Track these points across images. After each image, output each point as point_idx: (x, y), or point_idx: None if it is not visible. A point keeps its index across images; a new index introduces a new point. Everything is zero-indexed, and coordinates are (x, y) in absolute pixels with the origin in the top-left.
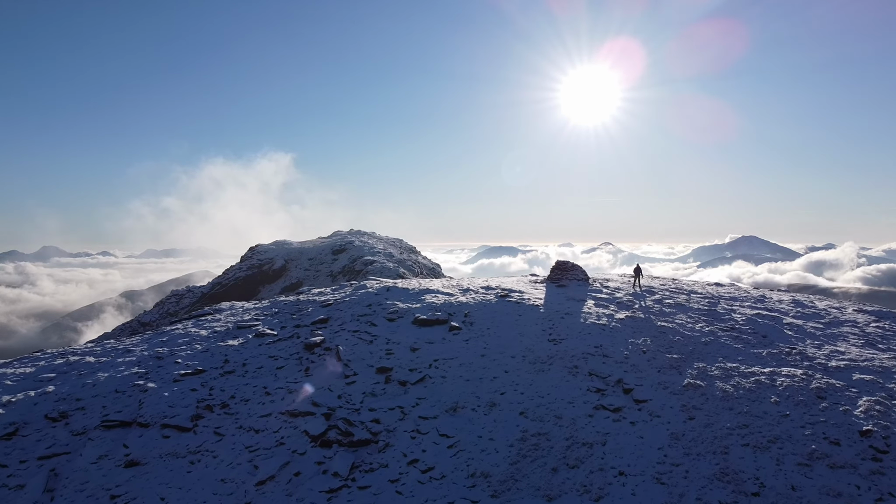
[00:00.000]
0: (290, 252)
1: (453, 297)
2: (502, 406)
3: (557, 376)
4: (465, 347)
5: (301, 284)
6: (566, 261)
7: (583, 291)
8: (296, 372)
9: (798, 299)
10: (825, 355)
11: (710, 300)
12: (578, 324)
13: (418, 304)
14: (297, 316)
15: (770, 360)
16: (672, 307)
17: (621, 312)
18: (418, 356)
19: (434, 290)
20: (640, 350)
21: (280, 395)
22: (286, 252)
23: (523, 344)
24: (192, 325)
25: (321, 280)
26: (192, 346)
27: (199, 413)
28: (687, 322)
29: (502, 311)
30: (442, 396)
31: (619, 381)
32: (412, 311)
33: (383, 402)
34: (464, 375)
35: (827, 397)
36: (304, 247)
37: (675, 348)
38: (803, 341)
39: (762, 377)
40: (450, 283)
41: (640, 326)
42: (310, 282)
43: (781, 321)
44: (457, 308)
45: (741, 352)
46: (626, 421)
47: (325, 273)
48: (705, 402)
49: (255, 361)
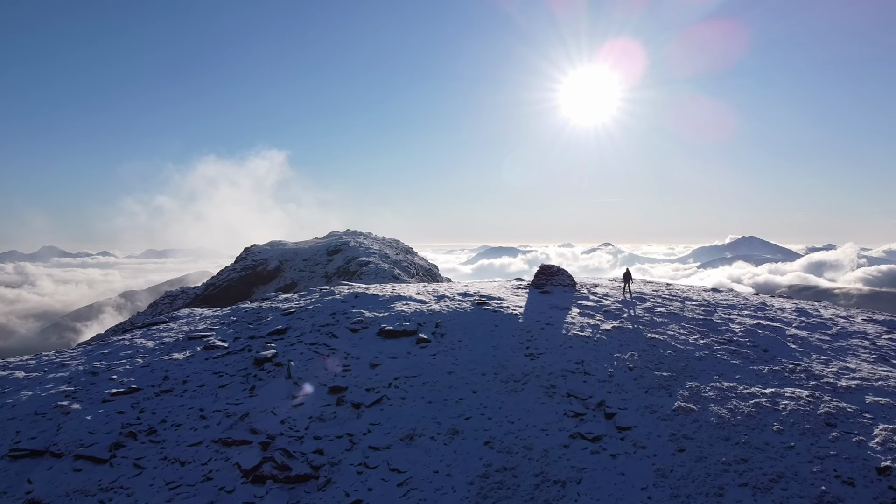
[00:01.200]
0: (285, 253)
1: (426, 306)
2: (466, 434)
3: (531, 398)
4: (431, 363)
5: (296, 286)
6: (551, 265)
7: (568, 298)
8: (239, 391)
9: (802, 307)
10: (834, 373)
11: (706, 308)
12: (559, 336)
13: (386, 312)
14: (255, 325)
15: (772, 378)
16: (664, 316)
17: (608, 322)
18: (378, 373)
19: (406, 298)
20: (626, 366)
21: (216, 420)
22: (281, 253)
23: (496, 359)
24: (140, 336)
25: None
26: (134, 359)
27: (119, 441)
28: (680, 334)
29: (477, 320)
30: (399, 421)
31: (601, 403)
32: (378, 320)
33: (331, 429)
34: (426, 396)
35: (837, 425)
36: (299, 247)
37: (666, 364)
38: (808, 356)
39: (763, 399)
40: (425, 290)
41: (627, 339)
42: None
43: (784, 332)
44: (428, 317)
45: (739, 369)
46: (605, 453)
47: (320, 274)
48: (698, 429)
49: (197, 378)
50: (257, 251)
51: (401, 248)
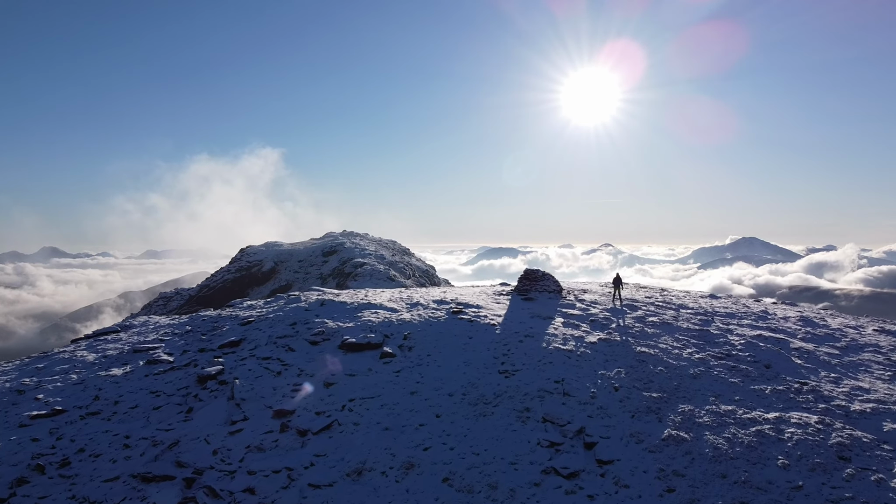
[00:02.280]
0: (281, 254)
1: (396, 315)
2: (423, 468)
3: (502, 423)
4: (393, 382)
5: (291, 287)
6: (535, 269)
7: (552, 306)
8: (174, 414)
9: (807, 316)
10: (845, 394)
11: (703, 317)
12: (539, 349)
13: (352, 322)
14: (208, 336)
15: (776, 400)
16: (656, 327)
17: (594, 334)
18: (332, 393)
19: (376, 305)
20: (612, 386)
21: (141, 449)
22: (276, 254)
23: (467, 377)
24: (83, 348)
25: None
26: (68, 375)
27: (24, 476)
28: (673, 347)
29: (450, 332)
30: (348, 452)
31: (581, 430)
32: (342, 331)
33: (269, 461)
34: (383, 421)
35: (852, 459)
36: (294, 248)
37: (656, 383)
38: (816, 373)
39: (766, 426)
40: (399, 296)
41: (614, 353)
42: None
43: (788, 345)
44: (396, 328)
45: (739, 388)
46: (582, 493)
47: (315, 275)
48: (690, 463)
49: (131, 398)
50: (252, 252)
51: (397, 249)
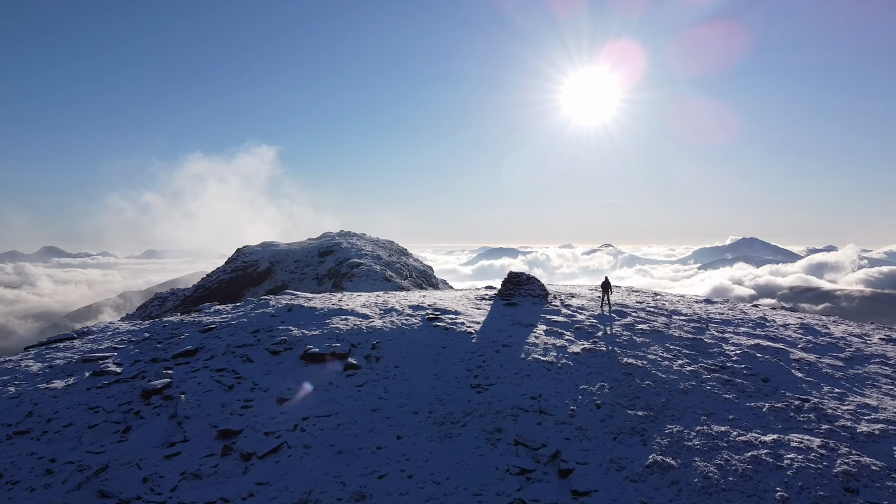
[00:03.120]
0: (277, 254)
1: (367, 322)
2: (375, 499)
3: (469, 446)
4: (354, 397)
5: (286, 287)
6: (520, 272)
7: (535, 312)
8: (109, 434)
9: (808, 323)
10: (851, 412)
11: (697, 324)
12: (517, 361)
13: (318, 330)
14: (164, 345)
15: (774, 419)
16: (646, 335)
17: (578, 343)
18: (285, 411)
19: (347, 311)
20: (593, 402)
21: (65, 475)
22: (272, 254)
23: (435, 392)
24: (32, 356)
25: (307, 283)
26: (5, 388)
27: None
28: (663, 358)
29: (423, 340)
30: (294, 480)
31: (556, 454)
32: (306, 340)
33: (205, 490)
34: (337, 444)
35: (860, 490)
36: (290, 248)
37: (643, 400)
38: (819, 388)
39: (762, 451)
40: (373, 301)
41: (599, 365)
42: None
43: (788, 356)
44: (365, 336)
45: (734, 406)
46: None
47: (311, 276)
48: (677, 496)
49: (66, 415)
50: (248, 252)
51: (394, 249)
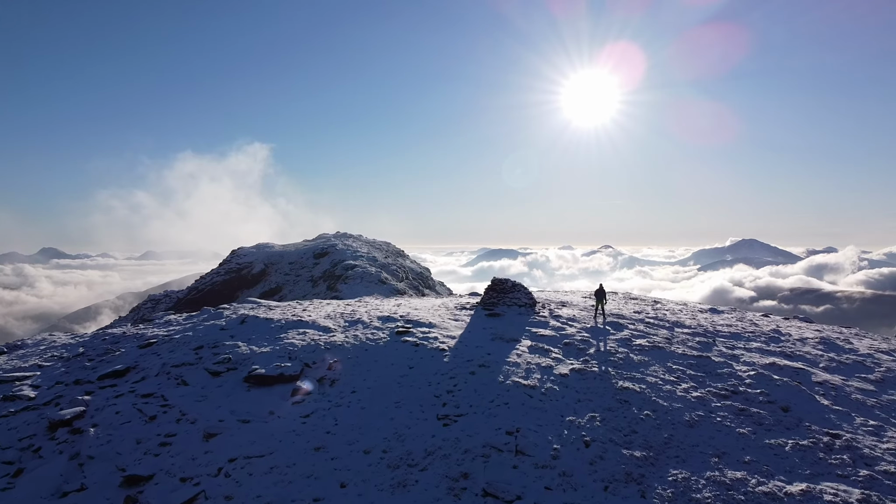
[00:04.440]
0: (271, 255)
1: (327, 336)
2: None
3: (427, 497)
4: (297, 431)
5: (280, 289)
6: (505, 279)
7: (520, 325)
8: None
9: (828, 337)
10: (893, 452)
11: (703, 339)
12: (494, 385)
13: (270, 346)
14: (95, 362)
15: (800, 461)
16: (645, 352)
17: (566, 363)
18: (211, 449)
19: (308, 323)
20: (581, 439)
21: None
22: (267, 255)
23: (395, 424)
24: None
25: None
26: None
27: None
28: (665, 380)
29: (388, 359)
30: None
31: None
32: (253, 359)
33: None
34: (266, 495)
35: None
36: (285, 250)
37: (641, 435)
38: (850, 420)
39: None
40: (339, 311)
41: (589, 389)
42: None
43: (809, 378)
44: (322, 354)
45: (750, 443)
46: None
47: (306, 278)
48: None
49: None
50: (243, 254)
51: (391, 251)
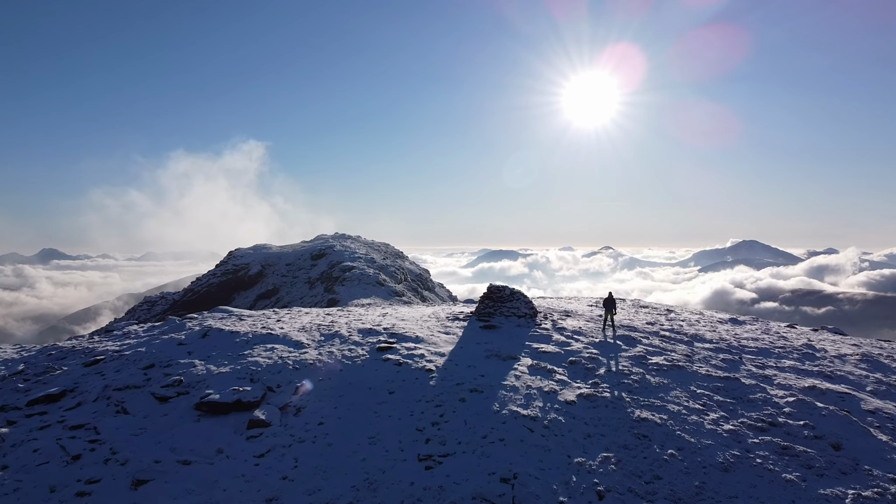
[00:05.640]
0: (268, 257)
1: (298, 353)
2: None
3: None
4: (248, 476)
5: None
6: (502, 286)
7: (519, 339)
8: None
9: (870, 354)
10: None
11: (727, 355)
12: (488, 415)
13: (231, 365)
14: (31, 382)
15: None
16: (663, 372)
17: (573, 386)
18: (136, 501)
19: (277, 338)
20: (594, 488)
21: None
22: (264, 257)
23: (366, 467)
24: None
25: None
26: None
27: None
28: (689, 409)
29: (365, 381)
30: None
31: None
32: (210, 380)
33: None
34: None
35: None
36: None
37: (666, 481)
38: None
39: None
40: (317, 323)
41: (602, 421)
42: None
43: (858, 405)
44: (290, 375)
45: (801, 494)
46: None
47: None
48: None
49: None
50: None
51: (389, 252)
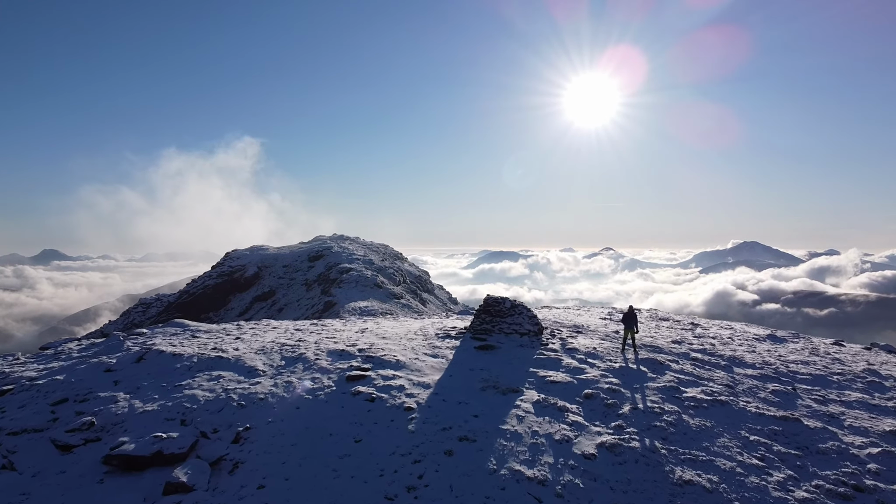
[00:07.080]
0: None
1: (249, 382)
2: None
3: None
4: None
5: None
6: (502, 297)
7: (522, 362)
8: None
9: None
10: None
11: (778, 385)
12: (482, 476)
13: (161, 401)
14: None
15: None
16: (703, 410)
17: (591, 431)
18: None
19: (227, 363)
20: None
21: None
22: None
23: None
24: None
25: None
26: None
27: None
28: (744, 466)
29: (326, 424)
30: None
31: None
32: (130, 422)
33: None
34: None
35: None
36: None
37: None
38: None
39: None
40: (282, 342)
41: (632, 485)
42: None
43: None
44: (231, 415)
45: None
46: None
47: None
48: None
49: None
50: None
51: (388, 253)
